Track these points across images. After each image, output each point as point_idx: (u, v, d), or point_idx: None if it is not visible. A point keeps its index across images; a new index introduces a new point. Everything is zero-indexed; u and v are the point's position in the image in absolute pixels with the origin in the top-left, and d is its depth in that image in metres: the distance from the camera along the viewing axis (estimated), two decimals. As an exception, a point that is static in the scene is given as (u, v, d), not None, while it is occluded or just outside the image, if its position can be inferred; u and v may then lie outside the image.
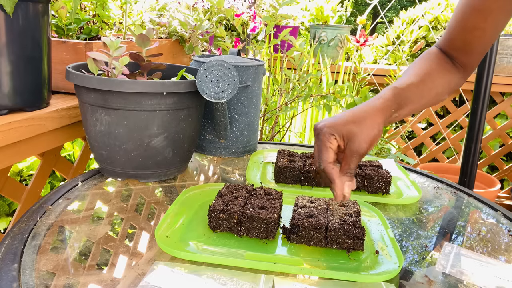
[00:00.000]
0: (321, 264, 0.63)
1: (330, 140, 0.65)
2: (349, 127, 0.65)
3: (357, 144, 0.64)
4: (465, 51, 0.77)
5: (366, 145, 0.64)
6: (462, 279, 0.63)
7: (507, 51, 2.43)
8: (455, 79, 0.79)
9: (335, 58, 2.71)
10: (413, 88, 0.72)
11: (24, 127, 0.86)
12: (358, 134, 0.64)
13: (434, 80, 0.76)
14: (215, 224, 0.69)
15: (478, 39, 0.74)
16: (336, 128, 0.65)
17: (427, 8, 3.06)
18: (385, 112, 0.68)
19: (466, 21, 0.73)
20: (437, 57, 0.79)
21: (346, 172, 0.65)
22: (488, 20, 0.71)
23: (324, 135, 0.65)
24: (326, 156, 0.65)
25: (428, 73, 0.76)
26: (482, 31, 0.73)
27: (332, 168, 0.65)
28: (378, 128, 0.66)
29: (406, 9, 3.22)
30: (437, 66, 0.77)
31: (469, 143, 1.65)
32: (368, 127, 0.65)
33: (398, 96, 0.70)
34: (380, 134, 0.66)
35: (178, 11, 1.53)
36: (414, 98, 0.72)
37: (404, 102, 0.71)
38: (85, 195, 0.83)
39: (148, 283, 0.55)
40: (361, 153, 0.64)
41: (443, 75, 0.77)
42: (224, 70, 0.85)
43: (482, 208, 0.91)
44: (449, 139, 2.71)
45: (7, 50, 0.82)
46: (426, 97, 0.74)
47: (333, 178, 0.64)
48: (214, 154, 1.10)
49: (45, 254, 0.62)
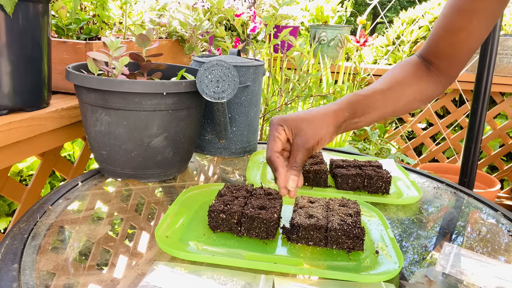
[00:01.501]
0: (321, 264, 0.63)
1: (278, 130, 0.68)
2: (299, 122, 0.68)
3: (303, 138, 0.67)
4: (447, 56, 0.76)
5: (312, 141, 0.67)
6: (462, 279, 0.63)
7: (507, 51, 2.43)
8: (430, 88, 0.78)
9: (335, 58, 2.71)
10: (377, 95, 0.74)
11: (24, 127, 0.86)
12: (305, 130, 0.67)
13: (404, 89, 0.76)
14: (215, 224, 0.69)
15: (462, 41, 0.73)
16: (286, 121, 0.69)
17: (427, 8, 3.06)
18: (337, 116, 0.70)
19: (451, 23, 0.73)
20: (414, 65, 0.78)
21: (293, 166, 0.68)
22: (473, 21, 0.71)
23: (274, 126, 0.69)
24: (272, 145, 0.68)
25: (400, 81, 0.76)
26: (467, 32, 0.72)
27: (277, 157, 0.68)
28: (327, 129, 0.68)
29: (406, 9, 3.22)
30: (412, 74, 0.77)
31: (469, 143, 1.66)
32: (317, 125, 0.68)
33: (356, 103, 0.72)
34: (328, 135, 0.69)
35: (178, 11, 1.53)
36: (377, 105, 0.73)
37: (364, 110, 0.72)
38: (85, 195, 0.83)
39: (148, 283, 0.55)
40: (307, 148, 0.67)
41: (415, 84, 0.76)
42: (224, 70, 0.85)
43: (482, 208, 0.91)
44: (449, 139, 2.71)
45: (7, 50, 0.82)
46: (393, 105, 0.75)
47: (277, 166, 0.67)
48: (214, 154, 1.10)
49: (45, 254, 0.62)
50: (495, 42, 1.57)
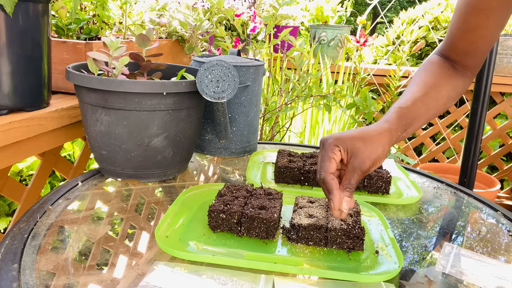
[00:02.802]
0: (321, 264, 0.63)
1: (334, 151, 0.64)
2: (355, 142, 0.64)
3: (360, 160, 0.63)
4: (468, 53, 0.76)
5: (369, 163, 0.64)
6: (462, 279, 0.63)
7: (507, 51, 2.43)
8: (460, 84, 0.78)
9: (335, 58, 2.71)
10: (418, 104, 0.72)
11: (24, 127, 0.86)
12: (362, 151, 0.64)
13: (439, 91, 0.75)
14: (215, 224, 0.69)
15: (481, 38, 0.74)
16: (342, 141, 0.65)
17: (427, 8, 3.06)
18: (392, 135, 0.68)
19: (468, 22, 0.73)
20: (439, 64, 0.78)
21: (346, 187, 0.64)
22: (490, 17, 0.71)
23: (329, 146, 0.65)
24: (327, 166, 0.64)
25: (432, 84, 0.75)
26: (485, 29, 0.72)
27: (332, 179, 0.64)
28: (383, 149, 0.65)
29: (406, 9, 3.22)
30: (440, 74, 0.77)
31: (469, 143, 1.65)
32: (373, 145, 0.65)
33: (404, 117, 0.70)
34: (384, 155, 0.66)
35: (178, 11, 1.53)
36: (420, 113, 0.72)
37: (411, 122, 0.71)
38: (85, 195, 0.83)
39: (148, 283, 0.55)
40: (363, 170, 0.64)
41: (447, 82, 0.76)
42: (224, 70, 0.85)
43: (482, 208, 0.91)
44: (449, 139, 2.71)
45: (7, 50, 0.82)
46: (433, 109, 0.74)
47: (332, 189, 0.63)
48: (214, 154, 1.10)
49: (45, 254, 0.62)
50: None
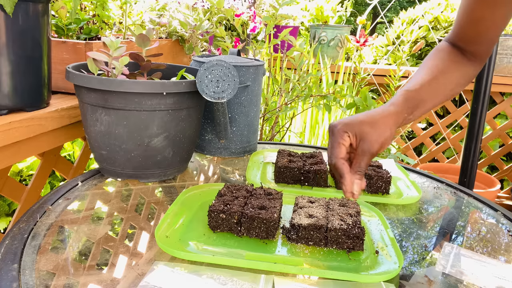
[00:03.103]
0: (321, 264, 0.63)
1: (343, 137, 0.67)
2: (363, 127, 0.67)
3: (368, 144, 0.66)
4: (475, 42, 0.77)
5: (377, 145, 0.66)
6: (462, 279, 0.63)
7: (507, 51, 2.43)
8: (469, 70, 0.79)
9: (335, 58, 2.71)
10: (426, 87, 0.74)
11: (24, 127, 0.86)
12: (370, 134, 0.66)
13: (447, 76, 0.76)
14: (215, 224, 0.69)
15: (487, 28, 0.75)
16: (350, 126, 0.67)
17: (427, 8, 3.06)
18: (398, 117, 0.70)
19: (473, 13, 0.74)
20: (448, 51, 0.79)
21: (357, 170, 0.67)
22: (495, 10, 0.72)
23: (338, 132, 0.67)
24: (337, 152, 0.67)
25: (441, 69, 0.76)
26: (491, 20, 0.73)
27: (343, 163, 0.66)
28: (390, 131, 0.68)
29: (406, 9, 3.22)
30: (449, 60, 0.78)
31: (469, 143, 1.65)
32: (381, 128, 0.67)
33: (411, 99, 0.71)
34: (391, 137, 0.68)
35: (178, 11, 1.53)
36: (428, 97, 0.74)
37: (417, 104, 0.72)
38: (85, 195, 0.83)
39: (148, 283, 0.55)
40: (372, 153, 0.66)
41: (456, 68, 0.78)
42: (224, 70, 0.85)
43: (482, 208, 0.91)
44: (449, 139, 2.71)
45: (7, 50, 0.82)
46: (441, 93, 0.76)
47: (343, 173, 0.66)
48: (214, 154, 1.10)
49: (45, 254, 0.62)
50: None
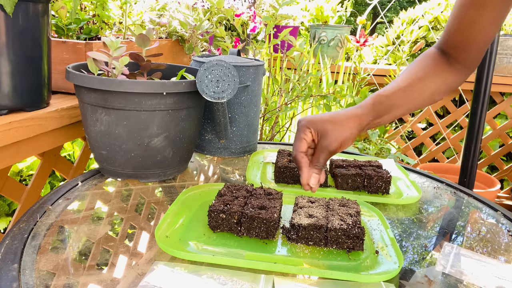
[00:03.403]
0: (321, 264, 0.63)
1: (305, 132, 0.72)
2: (325, 124, 0.71)
3: (328, 141, 0.71)
4: (463, 47, 0.77)
5: (336, 144, 0.71)
6: (462, 279, 0.63)
7: (507, 51, 2.43)
8: (451, 79, 0.79)
9: (335, 58, 2.71)
10: (399, 93, 0.76)
11: (24, 127, 0.86)
12: (330, 133, 0.71)
13: (426, 83, 0.77)
14: (215, 224, 0.69)
15: (475, 33, 0.75)
16: (313, 123, 0.72)
17: (427, 8, 3.06)
18: (362, 120, 0.73)
19: (463, 17, 0.75)
20: (433, 58, 0.80)
21: (315, 165, 0.72)
22: (484, 14, 0.72)
23: (302, 127, 0.73)
24: (298, 145, 0.72)
25: (420, 76, 0.78)
26: (480, 24, 0.73)
27: (302, 157, 0.72)
28: (351, 132, 0.72)
29: (406, 9, 3.22)
30: (432, 67, 0.79)
31: (469, 143, 1.65)
32: (342, 128, 0.71)
33: (379, 104, 0.74)
34: (351, 138, 0.72)
35: (178, 11, 1.53)
36: (401, 103, 0.76)
37: (388, 109, 0.75)
38: (85, 195, 0.83)
39: (148, 283, 0.55)
40: (330, 150, 0.71)
41: (437, 76, 0.78)
42: (224, 70, 0.85)
43: (482, 208, 0.91)
44: (449, 139, 2.71)
45: (7, 50, 0.82)
46: (416, 100, 0.77)
47: (301, 166, 0.72)
48: (214, 154, 1.10)
49: (45, 254, 0.62)
50: (495, 42, 1.57)
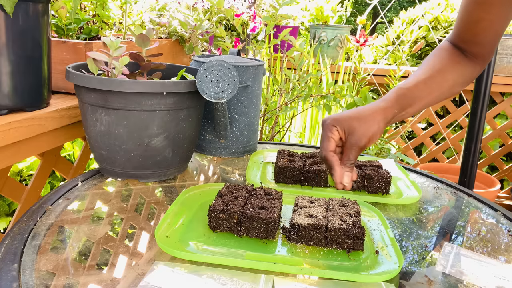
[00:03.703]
0: (321, 264, 0.63)
1: (332, 131, 0.71)
2: (351, 122, 0.71)
3: (356, 137, 0.70)
4: (474, 43, 0.78)
5: (364, 139, 0.70)
6: (462, 279, 0.63)
7: (507, 51, 2.43)
8: (468, 71, 0.80)
9: (335, 58, 2.71)
10: (420, 86, 0.76)
11: (24, 127, 0.86)
12: (358, 129, 0.70)
13: (444, 75, 0.78)
14: (215, 224, 0.69)
15: (485, 30, 0.75)
16: (339, 121, 0.71)
17: (427, 8, 3.06)
18: (387, 113, 0.73)
19: (470, 15, 0.75)
20: (448, 51, 0.81)
21: (346, 163, 0.71)
22: (492, 11, 0.72)
23: (328, 127, 0.72)
24: (327, 145, 0.71)
25: (438, 68, 0.78)
26: (488, 22, 0.74)
27: (332, 156, 0.71)
28: (378, 126, 0.71)
29: (406, 9, 3.22)
30: (448, 60, 0.79)
31: (469, 143, 1.65)
32: (368, 123, 0.71)
33: (403, 97, 0.74)
34: (379, 132, 0.71)
35: (178, 11, 1.53)
36: (422, 95, 0.76)
37: (411, 102, 0.75)
38: (85, 195, 0.83)
39: (148, 283, 0.55)
40: (360, 146, 0.70)
41: (454, 68, 0.79)
42: (224, 70, 0.85)
43: (482, 208, 0.91)
44: (449, 139, 2.71)
45: (7, 50, 0.82)
46: (436, 91, 0.78)
47: (333, 165, 0.71)
48: (214, 154, 1.10)
49: (45, 254, 0.62)
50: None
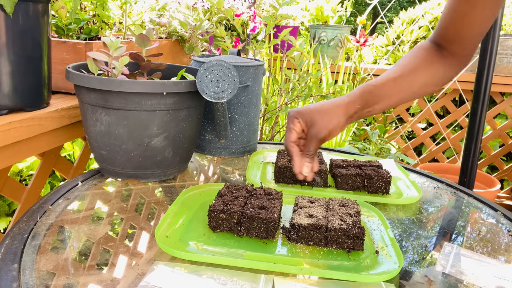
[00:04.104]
0: (321, 264, 0.63)
1: (294, 123, 0.75)
2: (312, 114, 0.74)
3: (316, 130, 0.73)
4: (456, 40, 0.78)
5: (324, 132, 0.73)
6: (462, 279, 0.63)
7: (507, 51, 2.43)
8: (441, 72, 0.80)
9: (335, 58, 2.71)
10: (390, 84, 0.77)
11: (24, 127, 0.86)
12: (319, 121, 0.73)
13: (416, 75, 0.78)
14: (215, 224, 0.69)
15: (468, 26, 0.75)
16: (301, 113, 0.74)
17: (427, 8, 3.06)
18: (349, 108, 0.75)
19: (456, 10, 0.75)
20: (426, 50, 0.81)
21: (306, 153, 0.74)
22: (478, 6, 0.72)
23: (291, 119, 0.75)
24: (289, 136, 0.75)
25: (411, 67, 0.79)
26: (473, 17, 0.74)
27: (292, 147, 0.74)
28: (338, 120, 0.74)
29: (406, 9, 3.22)
30: (423, 60, 0.80)
31: (469, 143, 1.65)
32: (329, 117, 0.73)
33: (368, 94, 0.76)
34: (340, 126, 0.74)
35: (178, 11, 1.53)
36: (391, 93, 0.77)
37: (377, 99, 0.76)
38: (85, 195, 0.83)
39: (148, 283, 0.55)
40: (319, 138, 0.73)
41: (427, 68, 0.79)
42: (224, 70, 0.85)
43: (482, 208, 0.91)
44: (449, 139, 2.71)
45: (7, 50, 0.82)
46: (406, 91, 0.78)
47: (293, 155, 0.74)
48: (214, 154, 1.10)
49: (45, 254, 0.62)
50: (495, 42, 1.57)
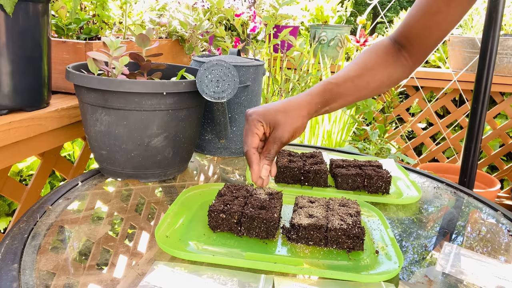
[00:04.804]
0: (321, 264, 0.63)
1: (257, 126, 0.71)
2: (276, 115, 0.70)
3: (280, 133, 0.70)
4: (419, 39, 0.77)
5: (288, 135, 0.70)
6: (462, 279, 0.63)
7: (507, 51, 2.43)
8: (397, 73, 0.80)
9: (335, 58, 2.71)
10: (349, 83, 0.76)
11: (24, 127, 0.86)
12: (282, 124, 0.70)
13: (374, 75, 0.78)
14: (215, 224, 0.69)
15: (437, 24, 0.75)
16: (265, 115, 0.71)
17: (427, 8, 3.06)
18: (311, 108, 0.73)
19: (429, 6, 0.74)
20: (386, 48, 0.80)
21: (266, 156, 0.71)
22: (452, 5, 0.72)
23: (253, 121, 0.71)
24: (251, 141, 0.71)
25: (370, 67, 0.78)
26: (444, 16, 0.73)
27: (253, 153, 0.71)
28: (302, 122, 0.72)
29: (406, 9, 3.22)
30: (382, 60, 0.79)
31: (469, 143, 1.65)
32: (293, 119, 0.71)
33: (329, 92, 0.75)
34: (302, 127, 0.73)
35: (178, 11, 1.53)
36: (348, 92, 0.77)
37: (335, 98, 0.75)
38: (85, 195, 0.83)
39: (148, 283, 0.55)
40: (283, 141, 0.71)
41: (385, 69, 0.79)
42: (224, 70, 0.85)
43: (482, 208, 0.91)
44: (449, 139, 2.71)
45: (7, 50, 0.82)
46: (362, 90, 0.78)
47: (252, 163, 0.71)
48: (214, 154, 1.10)
49: (45, 254, 0.62)
50: (495, 42, 1.57)
